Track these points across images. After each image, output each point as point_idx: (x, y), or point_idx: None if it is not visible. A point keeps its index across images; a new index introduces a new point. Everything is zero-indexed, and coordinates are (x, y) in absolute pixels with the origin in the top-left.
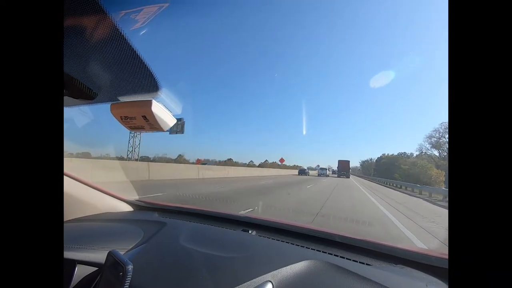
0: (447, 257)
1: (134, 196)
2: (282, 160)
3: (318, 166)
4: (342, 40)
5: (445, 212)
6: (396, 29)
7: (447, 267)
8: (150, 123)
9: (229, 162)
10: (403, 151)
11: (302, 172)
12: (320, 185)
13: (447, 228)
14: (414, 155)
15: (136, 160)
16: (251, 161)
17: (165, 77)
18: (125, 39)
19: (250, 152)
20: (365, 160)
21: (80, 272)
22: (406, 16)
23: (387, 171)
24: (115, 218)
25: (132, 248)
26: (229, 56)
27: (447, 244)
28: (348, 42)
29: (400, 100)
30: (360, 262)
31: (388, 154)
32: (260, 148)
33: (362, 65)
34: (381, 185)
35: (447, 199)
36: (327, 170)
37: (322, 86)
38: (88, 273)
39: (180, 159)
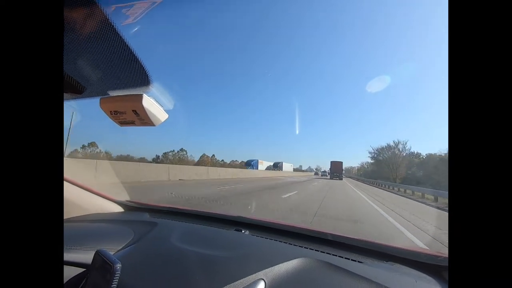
0: (435, 253)
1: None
2: None
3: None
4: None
5: None
6: (394, 35)
7: (435, 263)
8: (141, 118)
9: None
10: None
11: (316, 173)
12: None
13: None
14: None
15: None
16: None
17: (156, 73)
18: (117, 32)
19: (248, 153)
20: (383, 147)
21: (67, 273)
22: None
23: None
24: (104, 219)
25: (122, 249)
26: (223, 53)
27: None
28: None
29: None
30: (351, 260)
31: None
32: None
33: (363, 67)
34: None
35: None
36: (326, 173)
37: (321, 89)
38: (75, 274)
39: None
